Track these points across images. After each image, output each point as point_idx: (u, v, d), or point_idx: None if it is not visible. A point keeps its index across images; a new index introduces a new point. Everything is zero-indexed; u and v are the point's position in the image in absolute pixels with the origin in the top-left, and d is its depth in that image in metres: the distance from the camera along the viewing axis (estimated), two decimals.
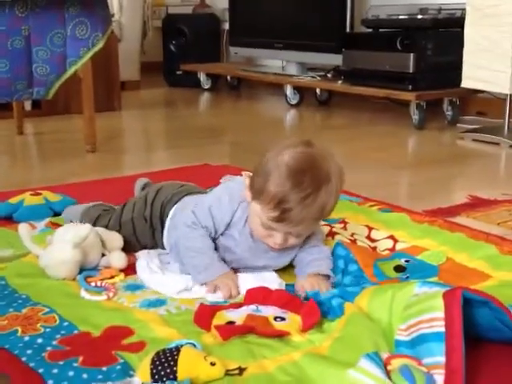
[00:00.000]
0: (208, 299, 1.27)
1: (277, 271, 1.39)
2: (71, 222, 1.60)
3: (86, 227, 1.40)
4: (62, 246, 1.37)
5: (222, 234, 1.36)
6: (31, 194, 1.80)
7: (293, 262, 1.40)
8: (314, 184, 1.22)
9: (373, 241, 1.56)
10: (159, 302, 1.25)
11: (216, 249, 1.36)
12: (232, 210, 1.34)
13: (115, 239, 1.49)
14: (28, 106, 3.52)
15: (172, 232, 1.44)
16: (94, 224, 1.54)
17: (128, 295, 1.30)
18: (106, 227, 1.53)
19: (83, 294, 1.29)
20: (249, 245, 1.35)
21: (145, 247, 1.50)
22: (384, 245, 1.54)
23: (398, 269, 1.39)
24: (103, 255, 1.45)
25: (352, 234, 1.58)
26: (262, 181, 1.25)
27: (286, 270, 1.40)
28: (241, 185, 1.34)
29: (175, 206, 1.47)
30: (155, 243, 1.49)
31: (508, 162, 2.65)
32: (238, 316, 1.16)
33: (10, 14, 2.41)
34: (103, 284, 1.34)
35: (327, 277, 1.34)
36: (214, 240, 1.36)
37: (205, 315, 1.15)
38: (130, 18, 4.64)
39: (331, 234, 1.55)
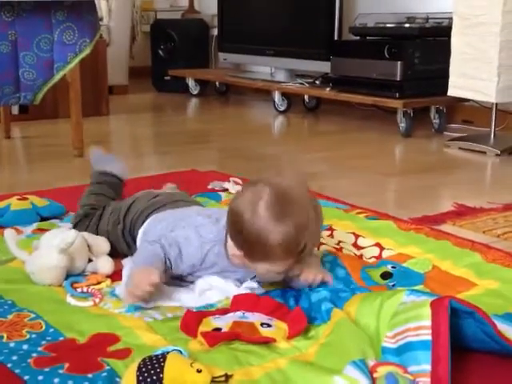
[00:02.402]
0: (189, 306, 1.26)
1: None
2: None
3: (73, 233, 1.40)
4: (48, 252, 1.36)
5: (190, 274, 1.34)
6: (18, 199, 1.79)
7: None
8: (295, 228, 1.20)
9: (359, 248, 1.57)
10: (144, 308, 1.25)
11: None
12: (200, 254, 1.30)
13: (102, 244, 1.48)
14: (15, 110, 3.50)
15: None
16: (74, 227, 1.55)
17: (114, 301, 1.29)
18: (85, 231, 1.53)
19: (69, 299, 1.29)
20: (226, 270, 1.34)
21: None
22: (370, 252, 1.55)
23: (385, 276, 1.40)
24: (90, 260, 1.44)
25: (338, 242, 1.59)
26: (240, 225, 1.21)
27: None
28: (211, 225, 1.31)
29: (143, 225, 1.46)
30: (132, 254, 1.49)
31: (494, 170, 2.67)
32: (224, 323, 1.16)
33: None
34: (89, 290, 1.33)
35: None
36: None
37: (191, 322, 1.15)
38: (118, 23, 4.63)
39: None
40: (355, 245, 1.58)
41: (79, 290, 1.33)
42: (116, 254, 1.49)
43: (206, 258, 1.31)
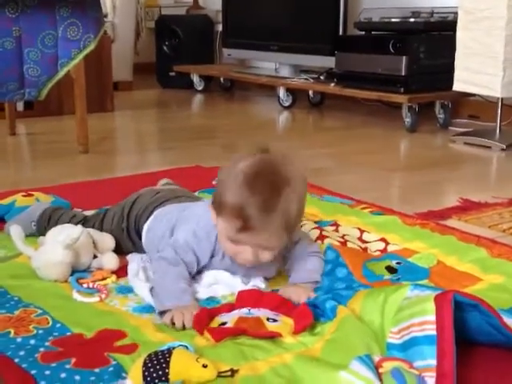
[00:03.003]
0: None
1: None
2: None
3: (78, 228, 1.40)
4: (53, 248, 1.37)
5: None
6: (23, 195, 1.80)
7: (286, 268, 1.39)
8: (271, 188, 1.20)
9: (364, 242, 1.57)
10: (152, 308, 1.24)
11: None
12: (210, 243, 1.32)
13: (107, 240, 1.49)
14: (20, 106, 3.51)
15: (150, 246, 1.45)
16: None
17: (120, 298, 1.30)
18: None
19: (75, 295, 1.29)
20: (229, 269, 1.34)
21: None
22: (375, 246, 1.55)
23: (390, 270, 1.39)
24: (95, 256, 1.45)
25: (343, 236, 1.58)
26: (221, 194, 1.24)
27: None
28: (208, 211, 1.31)
29: (148, 220, 1.46)
30: (137, 251, 1.49)
31: (499, 165, 2.66)
32: (229, 318, 1.16)
33: (1, 15, 2.40)
34: (95, 285, 1.34)
35: (315, 282, 1.34)
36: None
37: (201, 321, 1.15)
38: (123, 19, 4.64)
39: (321, 238, 1.55)
40: (360, 239, 1.58)
41: (85, 285, 1.34)
42: (121, 250, 1.49)
43: (217, 245, 1.32)
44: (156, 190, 1.57)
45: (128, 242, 1.50)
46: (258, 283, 1.33)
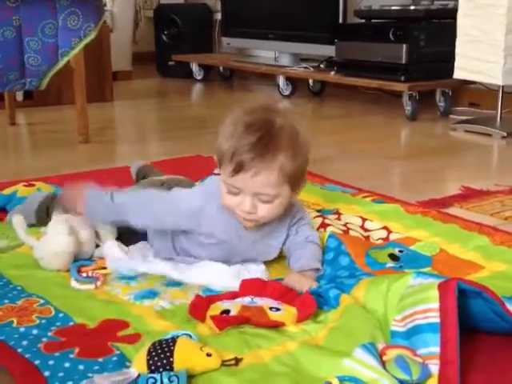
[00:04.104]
0: (173, 277, 1.29)
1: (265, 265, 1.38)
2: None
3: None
4: (55, 237, 1.37)
5: (200, 234, 1.34)
6: (24, 185, 1.79)
7: (284, 253, 1.40)
8: (265, 133, 1.21)
9: (366, 231, 1.57)
10: (152, 294, 1.25)
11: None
12: (200, 201, 1.32)
13: (109, 230, 1.48)
14: (20, 96, 3.50)
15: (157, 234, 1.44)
16: None
17: (122, 286, 1.29)
18: None
19: (73, 283, 1.29)
20: (234, 234, 1.34)
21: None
22: (377, 235, 1.55)
23: (392, 257, 1.39)
24: (97, 246, 1.45)
25: (345, 224, 1.58)
26: (219, 142, 1.26)
27: (273, 265, 1.40)
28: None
29: None
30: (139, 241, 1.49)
31: (500, 152, 2.66)
32: (232, 305, 1.16)
33: (1, 4, 2.39)
34: (93, 274, 1.33)
35: (316, 269, 1.34)
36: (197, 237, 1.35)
37: (200, 306, 1.15)
38: (121, 8, 4.61)
39: (324, 226, 1.55)
40: (362, 227, 1.58)
41: (84, 274, 1.33)
42: (122, 240, 1.48)
43: (209, 207, 1.31)
44: (160, 181, 1.57)
45: (133, 236, 1.49)
46: (258, 267, 1.33)
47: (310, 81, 3.96)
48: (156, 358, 0.96)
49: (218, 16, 4.83)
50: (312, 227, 1.45)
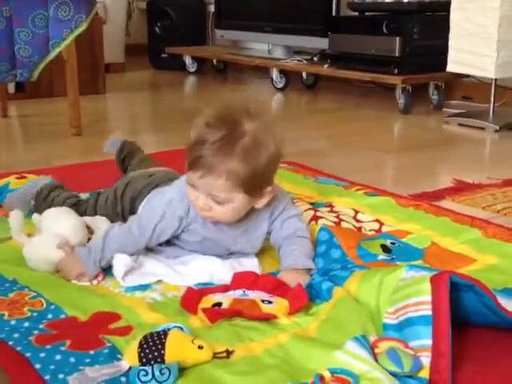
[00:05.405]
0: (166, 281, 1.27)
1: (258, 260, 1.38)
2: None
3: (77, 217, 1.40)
4: (46, 243, 1.33)
5: (183, 231, 1.33)
6: (16, 178, 1.79)
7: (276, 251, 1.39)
8: (225, 129, 1.19)
9: (359, 222, 1.57)
10: (143, 287, 1.25)
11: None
12: (183, 207, 1.30)
13: (100, 224, 1.47)
14: (12, 88, 3.48)
15: None
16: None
17: (113, 280, 1.29)
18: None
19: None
20: (214, 233, 1.33)
21: None
22: (370, 226, 1.55)
23: (384, 249, 1.39)
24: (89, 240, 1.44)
25: (338, 215, 1.58)
26: (194, 148, 1.23)
27: (266, 258, 1.39)
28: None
29: (143, 202, 1.45)
30: None
31: (493, 146, 2.67)
32: (224, 298, 1.16)
33: None
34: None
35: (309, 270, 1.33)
36: (177, 236, 1.34)
37: (192, 299, 1.15)
38: (114, 0, 4.58)
39: (315, 218, 1.54)
40: (355, 218, 1.58)
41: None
42: None
43: (190, 210, 1.30)
44: (149, 173, 1.56)
45: None
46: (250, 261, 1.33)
47: (304, 73, 3.95)
48: (147, 351, 0.96)
49: (212, 8, 4.81)
50: (299, 219, 1.42)
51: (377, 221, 1.57)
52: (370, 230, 1.53)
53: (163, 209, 1.31)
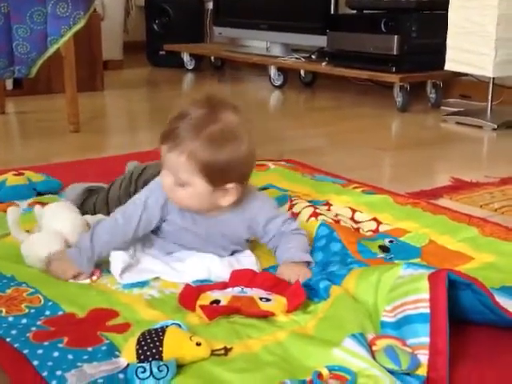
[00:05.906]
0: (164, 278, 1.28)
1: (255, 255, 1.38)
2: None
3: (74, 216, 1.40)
4: (45, 244, 1.32)
5: (164, 221, 1.33)
6: (14, 174, 1.78)
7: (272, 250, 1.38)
8: (202, 111, 1.22)
9: (356, 222, 1.57)
10: (141, 283, 1.25)
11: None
12: (164, 194, 1.31)
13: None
14: (9, 84, 3.48)
15: None
16: (82, 204, 1.55)
17: (110, 277, 1.29)
18: (94, 205, 1.53)
19: None
20: (190, 224, 1.33)
21: None
22: (367, 226, 1.55)
23: (383, 248, 1.40)
24: None
25: (336, 215, 1.58)
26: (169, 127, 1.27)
27: (264, 256, 1.39)
28: None
29: None
30: None
31: (490, 144, 2.67)
32: (222, 295, 1.16)
33: None
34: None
35: (307, 262, 1.33)
36: (159, 228, 1.35)
37: (190, 295, 1.15)
38: None
39: (315, 215, 1.55)
40: (352, 219, 1.58)
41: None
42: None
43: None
44: (143, 167, 1.57)
45: None
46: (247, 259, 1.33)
47: (302, 71, 3.95)
48: (145, 348, 0.96)
49: (210, 5, 4.80)
50: (290, 217, 1.41)
51: (374, 219, 1.57)
52: (368, 231, 1.53)
53: (146, 195, 1.32)
